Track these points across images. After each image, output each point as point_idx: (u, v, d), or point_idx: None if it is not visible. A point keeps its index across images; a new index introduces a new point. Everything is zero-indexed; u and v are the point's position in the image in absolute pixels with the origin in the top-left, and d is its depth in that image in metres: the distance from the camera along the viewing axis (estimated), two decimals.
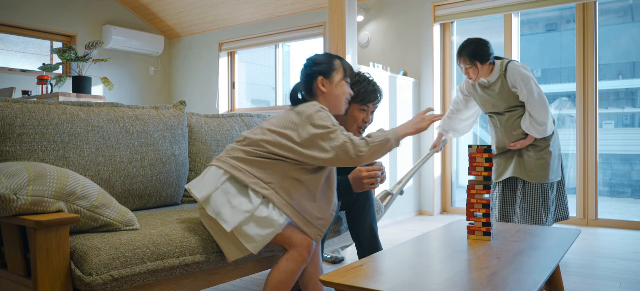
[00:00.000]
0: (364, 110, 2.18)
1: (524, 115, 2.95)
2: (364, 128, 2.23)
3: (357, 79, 2.16)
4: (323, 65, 1.93)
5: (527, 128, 2.94)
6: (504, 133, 3.06)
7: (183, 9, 6.63)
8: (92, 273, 1.48)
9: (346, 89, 1.96)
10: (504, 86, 2.96)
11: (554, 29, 5.52)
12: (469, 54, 2.93)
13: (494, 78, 2.99)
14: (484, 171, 1.76)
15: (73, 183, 1.61)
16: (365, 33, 5.55)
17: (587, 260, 3.13)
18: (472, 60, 2.93)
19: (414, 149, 5.07)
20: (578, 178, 4.44)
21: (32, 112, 1.91)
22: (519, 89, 2.91)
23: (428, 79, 5.11)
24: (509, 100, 2.99)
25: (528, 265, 1.40)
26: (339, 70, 1.94)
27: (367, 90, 2.15)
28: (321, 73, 1.92)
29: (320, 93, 1.93)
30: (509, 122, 3.03)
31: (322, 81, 1.92)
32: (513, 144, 3.02)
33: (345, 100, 1.98)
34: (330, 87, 1.93)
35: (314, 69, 1.94)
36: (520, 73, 2.90)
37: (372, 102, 2.18)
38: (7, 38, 6.01)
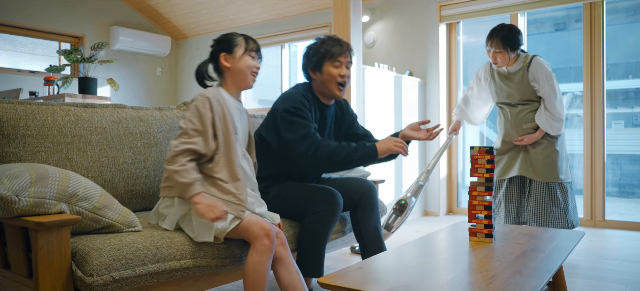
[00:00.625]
0: (337, 66, 2.23)
1: (539, 110, 2.98)
2: (344, 83, 2.26)
3: (323, 40, 2.26)
4: (225, 42, 1.99)
5: (543, 124, 2.95)
6: (514, 126, 3.07)
7: (190, 10, 6.66)
8: (93, 273, 1.48)
9: (250, 63, 1.99)
10: (524, 78, 2.99)
11: (561, 29, 5.47)
12: (502, 38, 2.95)
13: (516, 69, 3.02)
14: (485, 173, 1.75)
15: (75, 185, 1.62)
16: (371, 33, 5.54)
17: (593, 262, 3.10)
18: (504, 45, 2.96)
19: (420, 157, 5.05)
20: (585, 178, 4.40)
21: (36, 113, 1.93)
22: (540, 84, 2.94)
23: (434, 79, 5.09)
24: (524, 92, 3.02)
25: (529, 267, 1.39)
26: (241, 44, 1.98)
27: (333, 45, 2.23)
28: (223, 50, 1.98)
29: (225, 69, 1.98)
30: (520, 115, 3.04)
31: (225, 57, 1.98)
32: (521, 138, 3.03)
33: (252, 74, 2.00)
34: (234, 61, 1.97)
35: (217, 47, 2.00)
36: (544, 69, 2.95)
37: (341, 54, 2.23)
38: (16, 39, 6.07)
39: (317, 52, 2.25)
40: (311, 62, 2.27)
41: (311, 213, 2.07)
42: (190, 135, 1.81)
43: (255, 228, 1.76)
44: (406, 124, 4.81)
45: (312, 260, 2.08)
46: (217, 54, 1.99)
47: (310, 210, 2.08)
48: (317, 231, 2.06)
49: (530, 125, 3.01)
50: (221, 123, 1.87)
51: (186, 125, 1.83)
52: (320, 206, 2.06)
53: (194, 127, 1.82)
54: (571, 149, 4.22)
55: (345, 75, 2.24)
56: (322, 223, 2.06)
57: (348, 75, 2.26)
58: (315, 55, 2.25)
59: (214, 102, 1.86)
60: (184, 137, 1.81)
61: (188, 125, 1.83)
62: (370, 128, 4.27)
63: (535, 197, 3.02)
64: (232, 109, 1.95)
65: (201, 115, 1.83)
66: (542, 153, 2.99)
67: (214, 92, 1.90)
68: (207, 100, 1.85)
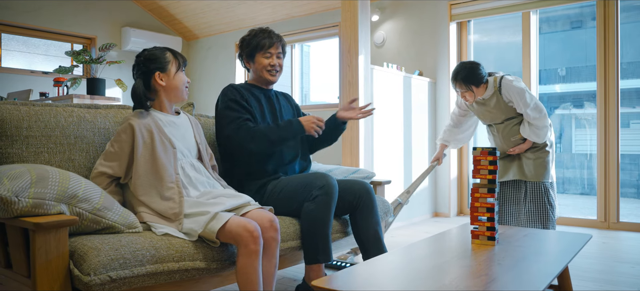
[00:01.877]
0: (268, 57, 2.38)
1: (523, 123, 3.05)
2: (274, 72, 2.41)
3: (254, 32, 2.39)
4: (158, 61, 1.99)
5: (528, 135, 3.03)
6: (503, 140, 3.17)
7: (200, 11, 6.69)
8: (91, 273, 1.49)
9: (184, 78, 2.04)
10: (500, 101, 3.07)
11: (576, 27, 5.38)
12: (463, 79, 3.03)
13: (489, 95, 3.09)
14: (488, 174, 1.72)
15: (75, 186, 1.62)
16: (380, 33, 5.50)
17: (605, 265, 3.04)
18: (467, 85, 3.03)
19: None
20: (599, 179, 4.32)
21: (39, 114, 1.94)
22: (515, 103, 3.01)
23: (444, 79, 5.04)
24: (506, 112, 3.09)
25: (530, 271, 1.35)
26: (173, 61, 2.01)
27: (262, 38, 2.37)
28: (158, 69, 1.98)
29: (160, 87, 2.00)
30: (506, 130, 3.13)
31: (160, 76, 1.99)
32: (512, 150, 3.11)
33: (185, 88, 2.04)
34: (169, 79, 2.00)
35: (150, 67, 1.98)
36: (514, 88, 2.99)
37: (271, 46, 2.37)
38: (29, 41, 6.15)
39: (249, 45, 2.39)
40: (245, 52, 2.43)
41: (309, 200, 2.09)
42: (108, 158, 1.90)
43: (239, 231, 1.74)
44: (416, 125, 4.77)
45: (320, 244, 2.08)
46: (150, 73, 1.98)
47: (308, 197, 2.10)
48: (318, 216, 2.07)
49: (518, 137, 3.09)
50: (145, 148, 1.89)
51: (107, 147, 1.92)
52: (316, 190, 2.09)
53: (112, 151, 1.90)
54: (585, 149, 4.14)
55: (275, 65, 2.41)
56: (322, 206, 2.07)
57: (279, 64, 2.43)
58: (247, 47, 2.40)
59: (137, 129, 1.89)
60: (104, 158, 1.90)
61: (108, 147, 1.91)
62: (379, 128, 4.25)
63: (531, 198, 3.08)
64: (165, 126, 1.98)
65: (121, 141, 1.89)
66: (534, 156, 3.07)
67: (139, 118, 1.93)
68: (130, 128, 1.89)
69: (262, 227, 1.85)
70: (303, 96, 12.06)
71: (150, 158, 1.89)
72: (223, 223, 1.74)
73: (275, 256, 1.89)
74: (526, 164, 3.08)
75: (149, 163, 1.89)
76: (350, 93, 3.90)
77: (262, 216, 1.88)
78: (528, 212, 3.09)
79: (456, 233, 1.93)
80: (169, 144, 1.94)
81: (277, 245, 1.89)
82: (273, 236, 1.87)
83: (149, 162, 1.89)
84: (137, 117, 1.93)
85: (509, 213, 3.17)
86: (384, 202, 2.69)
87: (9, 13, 5.77)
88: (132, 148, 1.89)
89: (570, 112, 6.13)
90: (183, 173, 1.95)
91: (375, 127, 4.20)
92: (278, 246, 1.90)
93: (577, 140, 6.12)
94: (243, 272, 1.75)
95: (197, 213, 1.80)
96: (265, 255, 1.86)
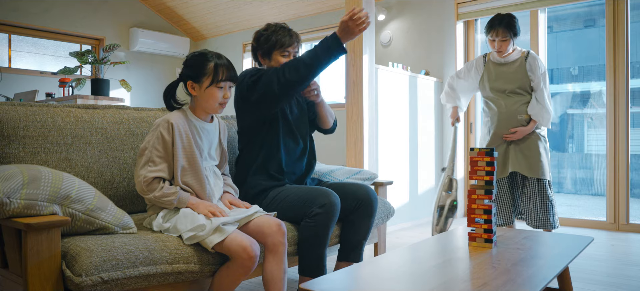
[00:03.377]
0: (285, 55, 2.28)
1: (531, 102, 3.10)
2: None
3: (274, 29, 2.28)
4: (192, 69, 1.92)
5: (535, 114, 3.07)
6: (507, 118, 3.14)
7: (208, 11, 6.70)
8: (82, 274, 1.48)
9: (217, 94, 1.92)
10: (522, 67, 3.12)
11: (587, 26, 5.30)
12: (506, 26, 3.08)
13: (514, 58, 3.16)
14: (485, 175, 1.69)
15: (68, 187, 1.62)
16: (387, 32, 5.47)
17: (612, 268, 2.98)
18: (508, 33, 3.09)
19: (436, 154, 4.96)
20: (608, 180, 4.24)
21: (36, 115, 1.95)
22: (535, 74, 3.08)
23: None
24: (521, 81, 3.13)
25: (524, 275, 1.32)
26: (209, 75, 1.90)
27: (283, 36, 2.26)
28: (190, 78, 1.93)
29: (192, 95, 1.96)
30: (514, 106, 3.13)
31: (192, 85, 1.93)
32: (513, 130, 3.10)
33: (219, 104, 1.95)
34: (200, 91, 1.92)
35: (185, 72, 1.94)
36: (541, 63, 3.11)
37: (290, 45, 2.27)
38: (39, 42, 6.21)
39: (268, 40, 2.28)
40: (261, 48, 2.31)
41: (309, 216, 2.04)
42: (155, 162, 1.84)
43: (236, 249, 1.73)
44: (422, 125, 4.72)
45: (314, 261, 2.05)
46: (185, 79, 1.94)
47: (308, 214, 2.04)
48: (316, 234, 2.03)
49: (524, 116, 3.10)
50: (184, 148, 1.88)
51: (151, 152, 1.85)
52: (317, 208, 2.03)
53: (158, 154, 1.84)
54: (595, 149, 4.07)
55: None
56: (320, 226, 2.02)
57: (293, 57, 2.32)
58: (266, 43, 2.29)
59: (177, 128, 1.87)
60: (151, 166, 1.83)
61: (153, 152, 1.84)
62: (384, 129, 4.21)
63: (528, 194, 3.11)
64: (198, 131, 1.95)
65: (165, 142, 1.85)
66: (533, 149, 3.09)
67: (177, 118, 1.90)
68: (171, 127, 1.86)
69: (269, 232, 1.85)
70: None
71: (188, 160, 1.89)
72: (222, 239, 1.73)
73: (283, 261, 1.88)
74: (526, 156, 3.10)
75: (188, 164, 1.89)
76: (355, 92, 3.88)
77: (270, 222, 1.88)
78: (528, 211, 3.11)
79: (454, 235, 1.90)
80: (198, 150, 1.93)
81: (284, 249, 1.88)
82: (281, 241, 1.87)
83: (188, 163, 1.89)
84: (176, 117, 1.90)
85: (505, 211, 3.19)
86: (385, 204, 2.66)
87: (19, 14, 5.84)
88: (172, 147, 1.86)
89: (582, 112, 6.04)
90: (207, 181, 1.95)
91: (380, 127, 4.17)
92: (286, 250, 1.89)
93: (589, 140, 6.03)
94: (220, 282, 1.77)
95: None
96: (273, 259, 1.86)
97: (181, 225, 1.78)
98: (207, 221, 1.76)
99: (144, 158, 1.84)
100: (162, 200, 1.83)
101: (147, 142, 1.87)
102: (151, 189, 1.82)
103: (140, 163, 1.85)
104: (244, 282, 2.72)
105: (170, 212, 1.86)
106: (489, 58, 3.30)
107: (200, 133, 1.96)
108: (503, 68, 3.19)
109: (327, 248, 2.09)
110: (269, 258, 1.85)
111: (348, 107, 3.86)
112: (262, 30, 2.34)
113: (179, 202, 1.84)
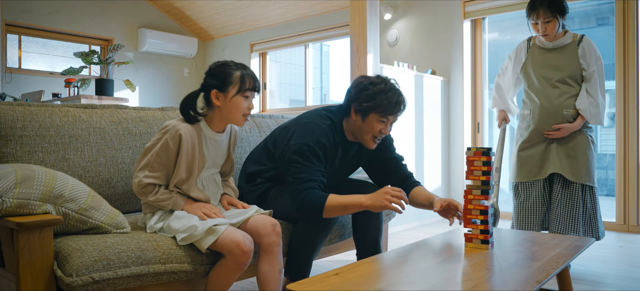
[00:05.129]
0: (384, 122, 2.03)
1: (581, 95, 2.72)
2: (379, 139, 2.10)
3: (382, 88, 2.00)
4: (218, 78, 1.85)
5: (585, 110, 2.69)
6: (550, 112, 2.76)
7: (215, 11, 6.72)
8: (73, 274, 1.48)
9: (243, 105, 1.86)
10: (574, 53, 2.74)
11: (603, 24, 5.21)
12: (549, 5, 2.67)
13: (566, 42, 2.77)
14: (482, 175, 1.66)
15: (61, 186, 1.62)
16: (393, 31, 5.44)
17: (621, 271, 2.91)
18: (553, 12, 2.68)
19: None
20: (618, 180, 4.17)
21: (34, 114, 1.95)
22: (588, 63, 2.71)
23: (458, 78, 4.95)
24: (571, 69, 2.74)
25: (517, 278, 1.29)
26: (236, 84, 1.84)
27: (390, 102, 1.99)
28: (215, 87, 1.85)
29: (215, 105, 1.86)
30: (561, 99, 2.74)
31: (217, 94, 1.85)
32: (556, 127, 2.73)
33: (243, 115, 1.88)
34: (225, 101, 1.85)
35: (209, 81, 1.86)
36: (596, 49, 2.74)
37: (393, 114, 2.03)
38: (48, 43, 6.28)
39: (372, 99, 1.99)
40: (359, 104, 2.03)
41: (304, 221, 2.00)
42: (154, 169, 1.80)
43: (230, 246, 1.71)
44: (429, 125, 4.68)
45: (300, 268, 2.03)
46: (209, 88, 1.86)
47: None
48: (308, 240, 1.99)
49: (571, 112, 2.72)
50: (187, 161, 1.83)
51: (152, 157, 1.80)
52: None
53: (159, 161, 1.80)
54: (605, 149, 4.00)
55: (385, 134, 2.08)
56: (313, 233, 1.98)
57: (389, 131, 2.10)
58: (368, 100, 2.00)
59: (185, 140, 1.80)
60: (149, 171, 1.79)
61: (154, 158, 1.80)
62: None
63: (567, 201, 2.75)
64: (207, 142, 1.90)
65: (169, 150, 1.80)
66: (579, 150, 2.72)
67: (187, 128, 1.82)
68: (179, 137, 1.80)
69: (264, 232, 1.83)
70: (322, 95, 12.04)
71: (189, 172, 1.85)
72: (214, 240, 1.71)
73: (278, 261, 1.85)
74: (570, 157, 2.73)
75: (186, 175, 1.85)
76: None
77: (264, 221, 1.86)
78: (558, 216, 2.75)
79: (452, 237, 1.87)
80: (201, 162, 1.88)
81: (279, 249, 1.86)
82: (275, 241, 1.84)
83: (187, 174, 1.85)
84: (186, 127, 1.82)
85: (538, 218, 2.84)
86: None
87: (28, 16, 5.90)
88: (176, 156, 1.82)
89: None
90: (204, 189, 1.93)
91: None
92: (280, 250, 1.87)
93: (601, 140, 5.94)
94: (214, 280, 1.76)
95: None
96: (267, 259, 1.84)
97: (175, 226, 1.77)
98: (200, 223, 1.75)
99: (145, 161, 1.81)
100: (156, 204, 1.82)
101: (152, 144, 1.83)
102: (145, 192, 1.81)
103: (140, 163, 1.83)
104: (242, 282, 2.71)
105: (165, 213, 1.85)
106: (534, 42, 2.88)
107: (209, 144, 1.91)
108: (551, 54, 2.78)
109: (313, 259, 2.06)
110: (263, 259, 1.83)
111: None
112: (369, 82, 2.04)
113: (174, 205, 1.83)
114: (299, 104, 7.65)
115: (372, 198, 1.86)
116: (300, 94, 7.59)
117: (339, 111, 2.15)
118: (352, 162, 2.26)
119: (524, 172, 2.88)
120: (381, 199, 1.83)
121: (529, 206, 2.86)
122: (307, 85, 6.68)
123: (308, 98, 6.69)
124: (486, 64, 5.04)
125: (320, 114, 2.10)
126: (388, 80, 2.05)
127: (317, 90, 11.39)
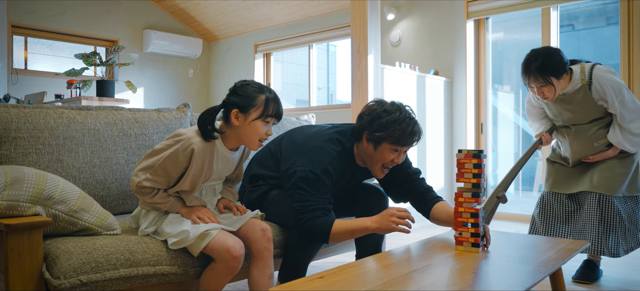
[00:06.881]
0: (396, 151, 1.95)
1: (613, 127, 2.45)
2: (389, 168, 2.02)
3: (396, 117, 1.91)
4: (242, 98, 1.80)
5: (618, 142, 2.44)
6: (583, 145, 2.56)
7: (219, 12, 6.74)
8: (61, 276, 1.49)
9: (261, 129, 1.80)
10: (588, 97, 2.43)
11: (612, 23, 5.15)
12: (539, 69, 2.36)
13: (574, 88, 2.45)
14: (472, 178, 1.64)
15: (51, 188, 1.63)
16: (396, 31, 5.41)
17: (627, 274, 2.87)
18: (545, 77, 2.36)
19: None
20: None
21: (28, 116, 1.97)
22: (609, 101, 2.39)
23: (461, 79, 4.92)
24: (592, 112, 2.47)
25: (503, 283, 1.28)
26: (259, 108, 1.79)
27: (404, 133, 1.91)
28: (237, 106, 1.80)
29: (233, 125, 1.81)
30: (590, 132, 2.51)
31: (237, 114, 1.80)
32: (593, 156, 2.54)
33: (260, 140, 1.82)
34: (244, 123, 1.79)
35: (232, 99, 1.81)
36: (610, 82, 2.37)
37: (407, 145, 1.96)
38: (54, 44, 6.33)
39: (385, 129, 1.91)
40: (371, 133, 1.94)
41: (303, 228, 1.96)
42: (157, 174, 1.75)
43: (220, 250, 1.70)
44: (431, 126, 4.65)
45: (294, 275, 2.00)
46: (230, 107, 1.81)
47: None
48: (304, 247, 1.97)
49: (603, 142, 2.50)
50: (193, 177, 1.79)
51: (158, 162, 1.75)
52: None
53: (164, 168, 1.75)
54: None
55: (397, 163, 2.00)
56: (310, 241, 1.96)
57: (402, 161, 2.01)
58: (381, 130, 1.91)
59: (196, 157, 1.75)
60: (151, 175, 1.74)
61: (160, 164, 1.74)
62: None
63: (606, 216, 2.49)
64: (218, 158, 1.86)
65: (178, 162, 1.75)
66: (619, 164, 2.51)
67: (201, 144, 1.76)
68: (191, 153, 1.75)
69: (255, 238, 1.81)
70: (329, 95, 12.04)
71: (192, 186, 1.81)
72: (205, 244, 1.71)
73: (269, 266, 1.83)
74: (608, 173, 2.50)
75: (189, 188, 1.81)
76: (360, 93, 3.84)
77: (255, 226, 1.84)
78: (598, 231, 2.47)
79: (442, 240, 1.86)
80: (208, 175, 1.86)
81: (270, 254, 1.84)
82: (266, 247, 1.82)
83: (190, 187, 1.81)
84: (199, 141, 1.76)
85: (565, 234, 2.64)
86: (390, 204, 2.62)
87: (34, 17, 5.96)
88: (185, 169, 1.78)
89: None
90: (200, 194, 1.91)
91: None
92: (271, 256, 1.85)
93: None
94: (205, 284, 1.75)
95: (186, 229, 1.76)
96: (257, 265, 1.82)
97: (167, 230, 1.76)
98: (192, 227, 1.73)
99: (149, 162, 1.76)
100: (152, 205, 1.81)
101: (161, 148, 1.78)
102: (143, 193, 1.78)
103: (144, 161, 1.78)
104: (236, 283, 2.71)
105: (158, 215, 1.84)
106: None
107: (220, 160, 1.87)
108: (565, 105, 2.51)
109: (308, 265, 2.05)
110: (253, 264, 1.82)
111: (353, 107, 3.83)
112: (382, 110, 1.94)
113: (170, 208, 1.82)
114: (305, 105, 7.65)
115: (378, 221, 1.82)
116: (304, 94, 7.59)
117: (350, 134, 2.07)
118: (361, 180, 2.22)
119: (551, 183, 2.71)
120: (387, 222, 1.80)
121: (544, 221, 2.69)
122: (312, 86, 6.68)
123: (312, 99, 6.69)
124: (489, 65, 5.00)
125: (331, 138, 2.02)
126: (403, 107, 1.96)
127: (324, 90, 11.40)
